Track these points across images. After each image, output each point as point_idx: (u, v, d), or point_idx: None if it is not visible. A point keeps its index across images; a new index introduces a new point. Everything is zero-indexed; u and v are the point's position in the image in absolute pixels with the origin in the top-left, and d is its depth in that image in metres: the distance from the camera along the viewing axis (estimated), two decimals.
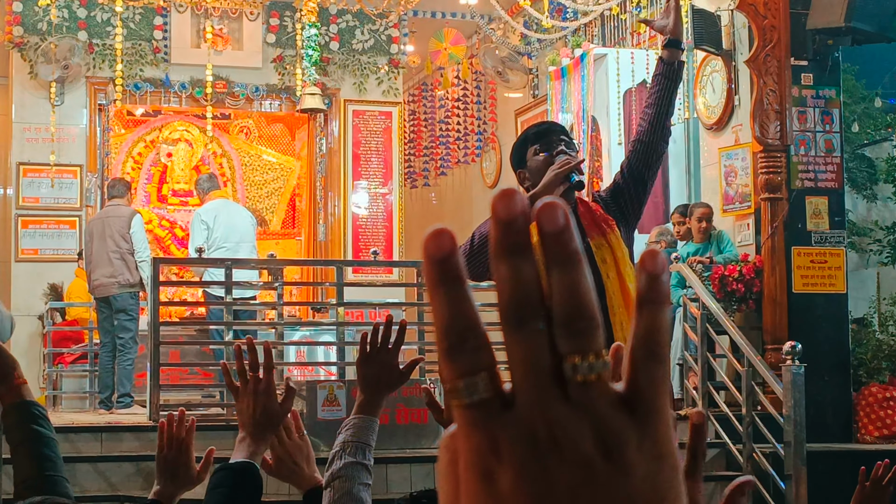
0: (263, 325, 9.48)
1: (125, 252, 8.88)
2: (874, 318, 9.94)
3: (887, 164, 11.52)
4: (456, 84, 12.90)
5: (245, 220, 9.49)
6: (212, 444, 7.86)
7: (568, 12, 10.14)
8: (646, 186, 3.56)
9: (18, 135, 11.00)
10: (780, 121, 8.06)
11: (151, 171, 13.07)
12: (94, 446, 7.07)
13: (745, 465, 6.82)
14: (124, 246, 8.89)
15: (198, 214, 9.39)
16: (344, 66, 11.89)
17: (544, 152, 3.47)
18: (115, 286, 8.85)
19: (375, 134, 12.02)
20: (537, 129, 3.59)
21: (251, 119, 13.26)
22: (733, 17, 8.47)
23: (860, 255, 12.38)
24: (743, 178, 8.34)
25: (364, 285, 10.03)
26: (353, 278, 10.81)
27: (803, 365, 6.43)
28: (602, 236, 3.41)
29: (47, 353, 9.94)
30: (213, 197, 9.50)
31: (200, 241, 9.05)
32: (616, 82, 9.30)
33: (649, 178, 3.56)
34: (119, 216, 9.05)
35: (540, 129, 3.59)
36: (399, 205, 12.06)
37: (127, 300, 8.88)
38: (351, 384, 7.02)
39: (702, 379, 7.30)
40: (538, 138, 3.52)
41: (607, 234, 3.41)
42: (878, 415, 7.88)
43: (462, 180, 13.65)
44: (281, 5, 11.68)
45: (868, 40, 8.36)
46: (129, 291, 8.87)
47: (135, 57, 11.24)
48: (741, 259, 8.06)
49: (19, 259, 10.89)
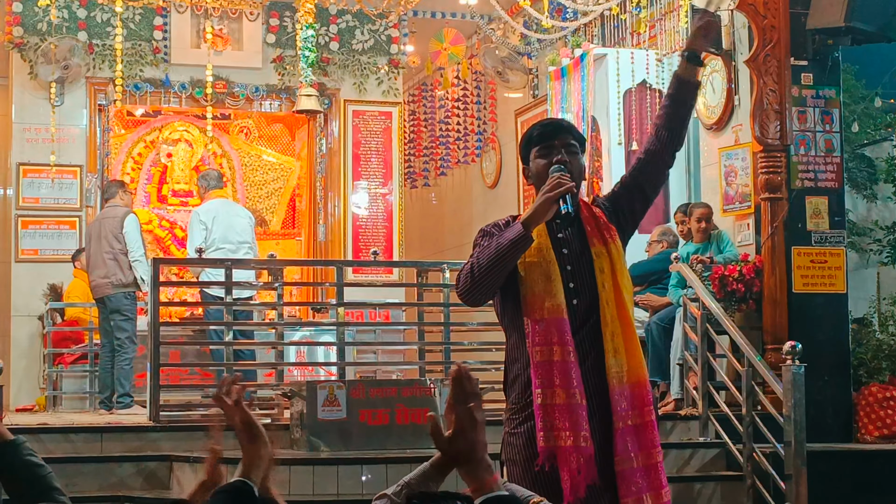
0: (263, 325, 9.47)
1: (118, 252, 8.90)
2: (874, 318, 9.93)
3: (887, 164, 11.52)
4: (456, 84, 12.90)
5: (244, 221, 9.47)
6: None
7: (568, 12, 10.13)
8: (646, 202, 3.47)
9: (18, 135, 11.00)
10: (779, 121, 8.06)
11: (151, 171, 13.06)
12: (94, 446, 7.07)
13: (745, 464, 6.82)
14: (117, 246, 8.91)
15: (196, 214, 9.38)
16: (344, 67, 11.89)
17: (543, 157, 3.39)
18: (109, 286, 8.87)
19: (375, 134, 12.02)
20: (541, 130, 3.46)
21: (251, 119, 13.26)
22: (733, 16, 8.46)
23: (860, 255, 12.38)
24: (743, 177, 8.34)
25: (364, 285, 10.02)
26: (353, 278, 10.81)
27: (803, 365, 6.42)
28: (603, 245, 3.33)
29: (47, 353, 9.94)
30: (212, 196, 9.49)
31: (199, 241, 9.05)
32: (616, 82, 9.30)
33: (651, 194, 3.47)
34: (113, 217, 9.08)
35: (544, 130, 3.46)
36: (399, 205, 12.05)
37: (121, 300, 8.89)
38: (351, 384, 7.02)
39: (702, 379, 7.29)
40: (541, 140, 3.42)
41: (608, 243, 3.33)
42: (879, 414, 7.88)
43: (462, 180, 13.64)
44: (281, 5, 11.68)
45: (868, 40, 8.35)
46: (122, 291, 8.88)
47: (135, 57, 11.24)
48: (741, 259, 8.06)
49: (19, 259, 10.89)
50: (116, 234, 8.95)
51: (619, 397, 3.23)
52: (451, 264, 8.24)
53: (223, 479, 2.18)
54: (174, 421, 7.53)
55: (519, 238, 3.18)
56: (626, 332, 3.28)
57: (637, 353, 3.29)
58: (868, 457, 7.39)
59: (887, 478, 7.23)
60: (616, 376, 3.23)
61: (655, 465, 3.31)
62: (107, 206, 9.35)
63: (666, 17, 9.15)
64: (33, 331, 10.72)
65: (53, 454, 6.89)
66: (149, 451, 7.07)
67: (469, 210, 13.57)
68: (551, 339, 3.22)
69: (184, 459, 6.82)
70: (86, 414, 9.26)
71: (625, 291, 3.31)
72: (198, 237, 9.14)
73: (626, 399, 3.24)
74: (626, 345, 3.27)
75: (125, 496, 6.60)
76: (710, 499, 6.84)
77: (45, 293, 10.48)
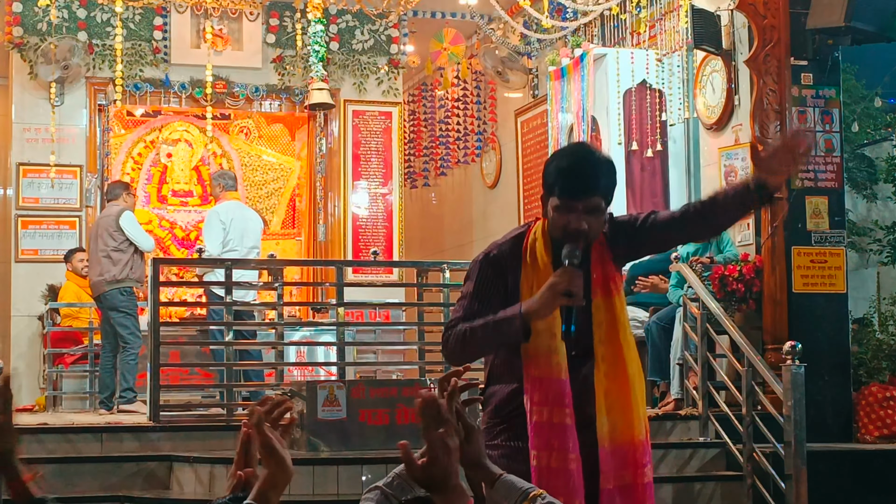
0: (263, 325, 9.47)
1: (111, 250, 8.93)
2: (874, 318, 9.93)
3: (887, 164, 11.52)
4: (456, 84, 12.90)
5: (257, 226, 9.52)
6: (212, 444, 7.85)
7: (568, 12, 10.13)
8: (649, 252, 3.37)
9: (18, 135, 11.00)
10: (779, 120, 8.05)
11: (151, 171, 13.06)
12: (94, 446, 7.07)
13: (745, 464, 6.82)
14: (111, 244, 8.94)
15: (215, 213, 9.35)
16: (344, 66, 11.89)
17: (561, 213, 3.08)
18: (104, 284, 8.90)
19: (375, 134, 12.02)
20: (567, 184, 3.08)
21: (251, 119, 13.25)
22: (733, 16, 8.46)
23: (860, 254, 12.39)
24: (743, 177, 8.34)
25: (364, 285, 10.02)
26: (353, 278, 10.81)
27: (803, 365, 6.42)
28: (606, 297, 3.15)
29: (47, 353, 9.94)
30: (227, 198, 9.51)
31: (219, 238, 9.09)
32: (616, 82, 9.29)
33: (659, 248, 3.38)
34: (108, 215, 9.12)
35: (571, 185, 3.07)
36: (399, 205, 12.05)
37: (116, 297, 8.90)
38: (351, 384, 7.02)
39: (702, 379, 7.29)
40: (562, 192, 3.08)
41: (612, 295, 3.16)
42: (879, 414, 7.88)
43: (462, 180, 13.65)
44: (281, 5, 11.68)
45: (868, 40, 8.35)
46: (117, 288, 8.89)
47: (135, 57, 11.24)
48: (741, 259, 8.06)
49: (19, 259, 10.89)
50: (111, 232, 8.97)
51: (607, 457, 3.10)
52: (451, 264, 8.24)
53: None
54: (174, 421, 7.53)
55: (518, 332, 3.05)
56: (622, 390, 3.13)
57: (633, 412, 3.14)
58: (868, 457, 7.38)
59: (887, 478, 7.23)
60: (607, 436, 3.11)
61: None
62: (107, 206, 9.38)
63: (666, 17, 9.15)
64: (33, 331, 10.73)
65: (53, 454, 6.90)
66: (149, 451, 7.07)
67: (469, 210, 13.57)
68: (551, 399, 3.09)
69: (184, 459, 6.82)
70: (86, 414, 9.26)
71: (624, 347, 3.15)
72: (217, 234, 9.16)
73: (618, 458, 3.11)
74: (621, 403, 3.13)
75: (125, 496, 6.60)
76: (710, 499, 6.84)
77: (44, 294, 10.48)
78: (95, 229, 9.16)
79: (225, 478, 6.83)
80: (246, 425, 2.11)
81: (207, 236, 9.31)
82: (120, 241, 8.97)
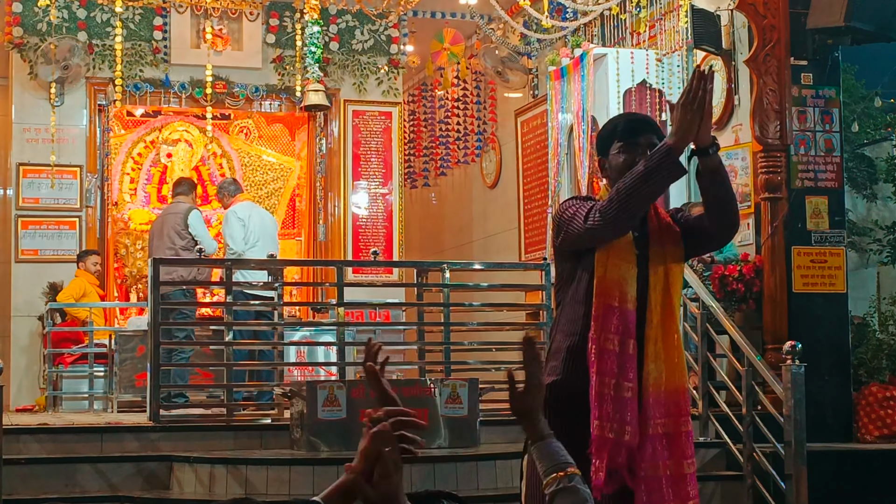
0: (263, 325, 9.46)
1: (179, 249, 8.89)
2: (874, 318, 9.93)
3: (887, 164, 11.52)
4: (456, 84, 12.90)
5: (273, 226, 9.60)
6: (212, 444, 7.85)
7: (568, 12, 10.13)
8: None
9: (18, 135, 11.00)
10: (779, 120, 8.06)
11: (151, 171, 13.05)
12: (94, 446, 7.06)
13: (745, 464, 6.82)
14: (179, 243, 8.90)
15: (233, 212, 9.37)
16: (344, 67, 11.89)
17: (625, 154, 3.33)
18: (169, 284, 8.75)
19: (375, 134, 12.02)
20: (627, 125, 3.40)
21: (251, 119, 13.25)
22: (733, 16, 8.47)
23: (860, 254, 12.38)
24: (743, 177, 8.34)
25: (364, 285, 10.02)
26: (354, 278, 10.81)
27: (803, 365, 6.42)
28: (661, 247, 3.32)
29: (47, 353, 9.93)
30: (240, 199, 9.57)
31: (240, 235, 9.12)
32: (616, 82, 9.29)
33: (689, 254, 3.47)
34: (175, 213, 9.10)
35: (630, 125, 3.40)
36: (399, 205, 12.05)
37: (179, 298, 8.83)
38: (351, 384, 7.02)
39: (702, 379, 7.29)
40: (625, 135, 3.36)
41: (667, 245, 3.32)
42: (879, 414, 7.88)
43: (462, 180, 13.65)
44: (281, 5, 11.68)
45: (868, 40, 8.35)
46: (181, 290, 8.83)
47: (134, 57, 11.24)
48: (741, 259, 8.06)
49: (19, 259, 10.89)
50: (178, 230, 8.94)
51: (654, 402, 3.22)
52: (451, 264, 8.24)
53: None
54: (174, 421, 7.53)
55: (677, 163, 3.13)
56: (668, 340, 3.28)
57: (677, 362, 3.28)
58: (868, 457, 7.39)
59: (887, 478, 7.23)
60: (654, 382, 3.23)
61: (685, 477, 3.27)
62: (172, 201, 9.37)
63: (666, 17, 9.15)
64: (33, 331, 10.72)
65: (53, 454, 6.90)
66: (149, 451, 7.07)
67: (469, 210, 13.57)
68: (618, 327, 3.21)
69: (184, 459, 6.81)
70: (86, 414, 9.26)
71: (674, 297, 3.30)
72: (238, 232, 9.18)
73: (661, 406, 3.23)
74: (667, 352, 3.26)
75: (125, 496, 6.60)
76: (710, 499, 6.84)
77: (45, 291, 10.48)
78: (160, 226, 9.07)
79: (225, 478, 6.85)
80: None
81: (229, 236, 9.31)
82: (187, 239, 8.95)
